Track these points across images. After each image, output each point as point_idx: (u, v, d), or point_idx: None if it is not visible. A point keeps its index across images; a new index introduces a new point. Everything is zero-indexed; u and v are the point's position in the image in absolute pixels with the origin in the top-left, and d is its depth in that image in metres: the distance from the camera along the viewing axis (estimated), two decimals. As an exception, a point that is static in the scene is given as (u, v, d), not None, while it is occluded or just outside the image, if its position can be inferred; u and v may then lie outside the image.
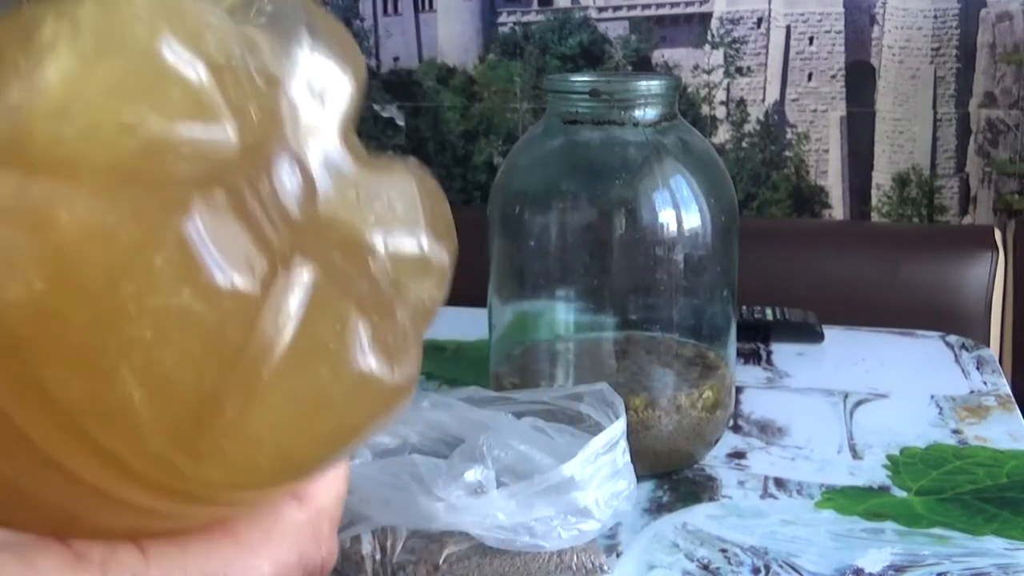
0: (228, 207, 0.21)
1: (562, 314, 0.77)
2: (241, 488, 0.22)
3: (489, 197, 0.76)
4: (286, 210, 0.23)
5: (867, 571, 0.61)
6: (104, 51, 0.20)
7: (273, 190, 0.22)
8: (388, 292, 0.25)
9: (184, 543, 0.23)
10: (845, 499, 0.70)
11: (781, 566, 0.62)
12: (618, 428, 0.62)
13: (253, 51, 0.23)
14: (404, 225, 0.26)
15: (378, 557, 0.60)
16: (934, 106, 1.46)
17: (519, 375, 0.77)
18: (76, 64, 0.20)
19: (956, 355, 0.96)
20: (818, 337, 1.00)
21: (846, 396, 0.87)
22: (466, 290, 1.00)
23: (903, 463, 0.75)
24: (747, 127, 1.52)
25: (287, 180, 0.23)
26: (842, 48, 1.47)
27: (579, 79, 0.73)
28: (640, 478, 0.64)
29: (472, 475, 0.58)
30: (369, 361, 0.23)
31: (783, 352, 0.97)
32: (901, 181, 1.49)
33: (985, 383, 0.89)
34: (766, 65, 1.50)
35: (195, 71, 0.21)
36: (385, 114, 1.59)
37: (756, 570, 0.62)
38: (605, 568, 0.60)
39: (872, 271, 1.30)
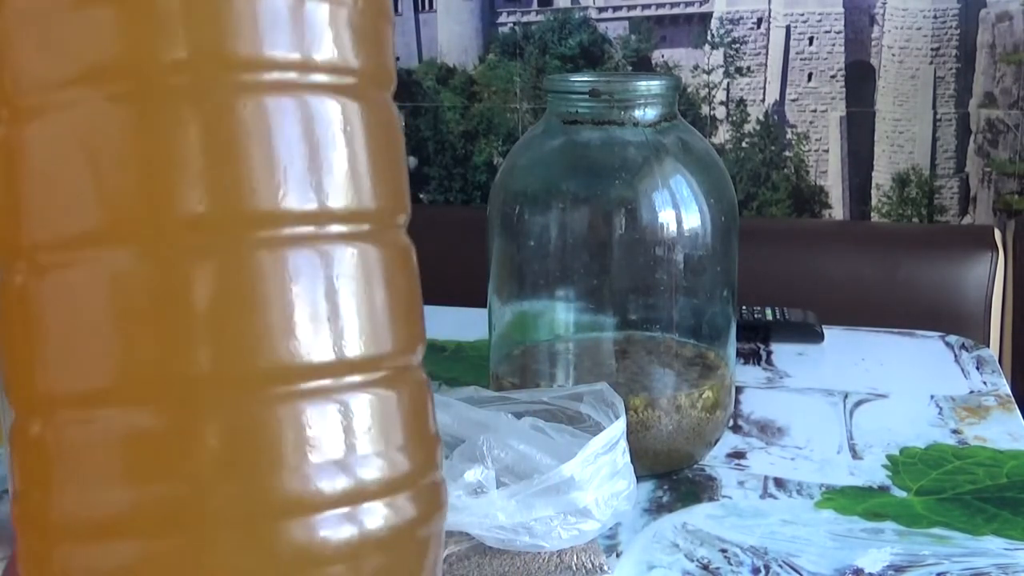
0: None
1: (562, 314, 0.77)
2: None
3: (489, 197, 0.76)
4: None
5: (867, 571, 0.61)
6: None
7: None
8: None
9: None
10: (845, 499, 0.70)
11: (781, 566, 0.62)
12: (618, 428, 0.62)
13: None
14: None
15: (378, 557, 0.60)
16: (934, 106, 1.46)
17: (519, 375, 0.77)
18: None
19: (956, 355, 0.96)
20: (818, 337, 1.00)
21: (846, 396, 0.87)
22: (466, 290, 1.00)
23: (903, 463, 0.75)
24: (747, 127, 1.52)
25: None
26: (842, 48, 1.47)
27: (579, 79, 0.73)
28: (640, 478, 0.64)
29: (472, 475, 0.58)
30: None
31: (783, 352, 0.97)
32: (901, 181, 1.49)
33: (985, 383, 0.89)
34: (766, 65, 1.50)
35: None
36: (385, 114, 1.59)
37: (756, 570, 0.62)
38: (605, 568, 0.60)
39: (872, 271, 1.30)
